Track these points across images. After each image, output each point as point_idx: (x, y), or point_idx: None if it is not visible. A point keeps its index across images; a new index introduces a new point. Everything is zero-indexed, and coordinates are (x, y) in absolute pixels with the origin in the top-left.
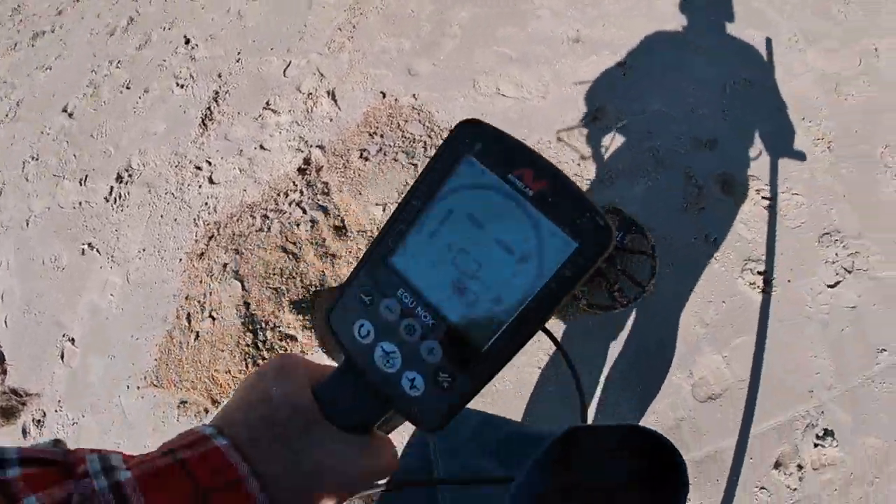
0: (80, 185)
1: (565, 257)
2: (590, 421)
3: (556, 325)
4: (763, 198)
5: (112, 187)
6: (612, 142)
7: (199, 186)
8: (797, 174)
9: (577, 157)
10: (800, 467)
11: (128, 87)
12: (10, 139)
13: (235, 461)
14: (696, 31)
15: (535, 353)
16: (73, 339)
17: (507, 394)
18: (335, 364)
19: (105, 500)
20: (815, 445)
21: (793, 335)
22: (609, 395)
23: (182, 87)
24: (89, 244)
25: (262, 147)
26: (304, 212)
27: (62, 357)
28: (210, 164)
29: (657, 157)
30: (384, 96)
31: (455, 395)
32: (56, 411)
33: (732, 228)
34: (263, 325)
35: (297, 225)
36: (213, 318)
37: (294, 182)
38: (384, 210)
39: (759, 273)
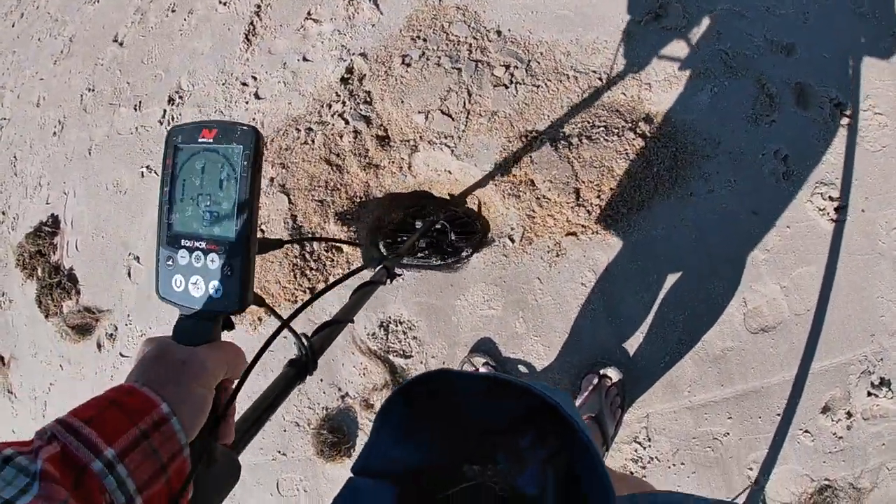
0: (135, 110)
1: (240, 156)
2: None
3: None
4: (842, 114)
5: (165, 110)
6: (677, 43)
7: (246, 102)
8: (881, 91)
9: (637, 59)
10: (849, 415)
11: (173, 11)
12: (67, 74)
13: (155, 398)
14: None
15: (579, 271)
16: (137, 258)
17: (548, 309)
18: None
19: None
20: (869, 394)
21: (861, 271)
22: (656, 318)
23: (225, 4)
24: (147, 167)
25: (304, 58)
26: (347, 122)
27: (129, 274)
28: (255, 79)
29: (726, 61)
30: None
31: (237, 274)
32: (126, 325)
33: (805, 146)
34: (308, 236)
35: (341, 136)
36: (263, 231)
37: (337, 92)
38: (427, 118)
39: (831, 199)
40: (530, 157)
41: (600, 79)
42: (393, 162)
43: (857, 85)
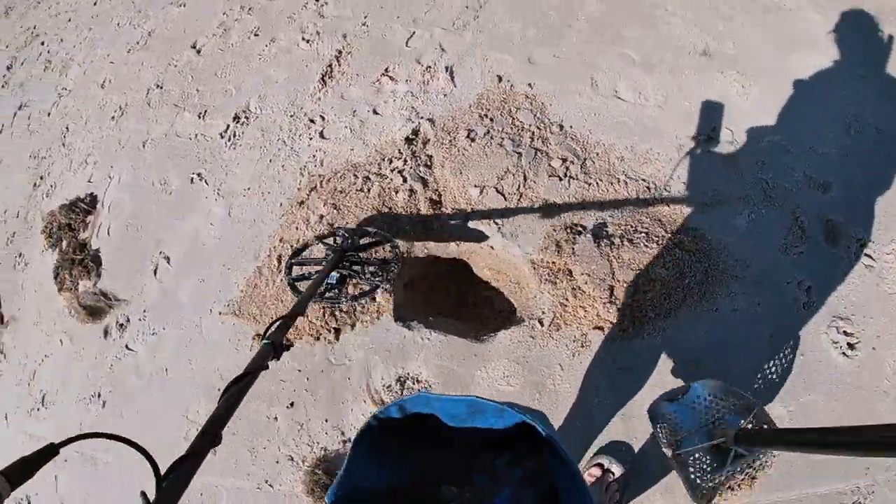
0: (199, 118)
1: None
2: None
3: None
4: (866, 255)
5: (228, 125)
6: (723, 166)
7: (310, 139)
8: None
9: (685, 175)
10: None
11: (256, 35)
12: (139, 65)
13: None
14: (832, 67)
15: (601, 364)
16: (168, 258)
17: (564, 396)
18: None
19: None
20: None
21: (864, 405)
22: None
23: (308, 42)
24: (199, 174)
25: (374, 111)
26: (405, 180)
27: (155, 272)
28: (323, 119)
29: (766, 191)
30: (500, 80)
31: None
32: (140, 320)
33: (828, 280)
34: (348, 278)
35: (396, 192)
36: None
37: (400, 150)
38: (481, 192)
39: (846, 333)
40: (573, 248)
41: (648, 188)
42: (443, 225)
43: (884, 229)
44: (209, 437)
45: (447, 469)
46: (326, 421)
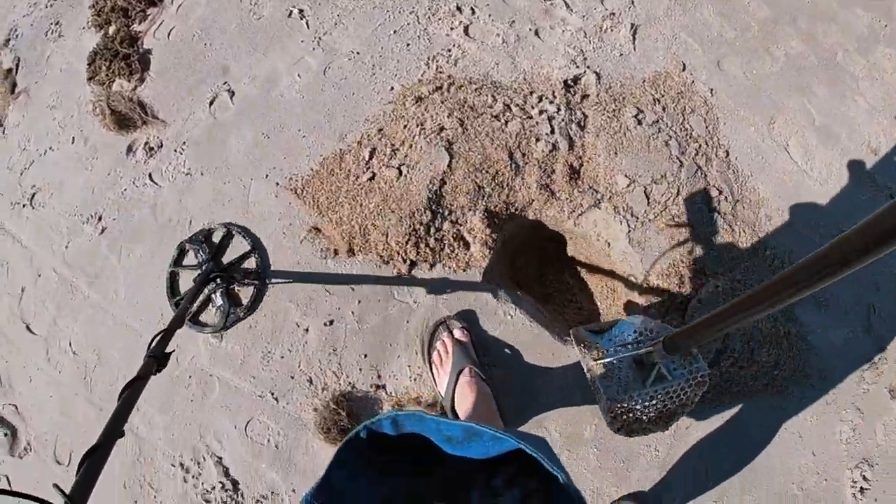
0: None
1: None
2: None
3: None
4: None
5: None
6: (842, 278)
7: (451, 28)
8: None
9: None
10: None
11: None
12: None
13: None
14: None
15: None
16: (232, 93)
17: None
18: None
19: None
20: None
21: None
22: (700, 487)
23: None
24: (301, 11)
25: (536, 33)
26: (552, 131)
27: (211, 103)
28: (473, 13)
29: (869, 316)
30: (683, 69)
31: None
32: (175, 151)
33: (878, 420)
34: (447, 213)
35: (537, 140)
36: (400, 172)
37: (554, 92)
38: (629, 185)
39: (864, 478)
40: (699, 297)
41: (781, 261)
42: (572, 201)
43: None
44: (109, 442)
45: (439, 484)
46: (365, 357)
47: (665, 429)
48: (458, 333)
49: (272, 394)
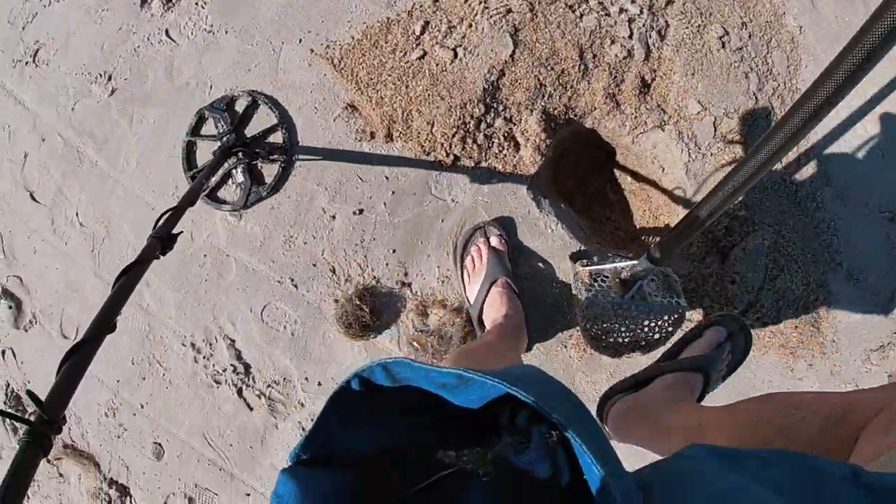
0: None
1: None
2: None
3: None
4: None
5: None
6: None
7: None
8: None
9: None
10: None
11: None
12: None
13: None
14: None
15: None
16: None
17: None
18: None
19: None
20: None
21: None
22: None
23: None
24: None
25: None
26: (630, 35)
27: None
28: None
29: (893, 300)
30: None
31: None
32: (196, 4)
33: None
34: (501, 108)
35: (612, 42)
36: (456, 55)
37: None
38: (700, 113)
39: None
40: (744, 245)
41: (827, 226)
42: (628, 118)
43: None
44: (102, 330)
45: (445, 429)
46: (393, 252)
47: (645, 352)
48: (495, 241)
49: (292, 280)
